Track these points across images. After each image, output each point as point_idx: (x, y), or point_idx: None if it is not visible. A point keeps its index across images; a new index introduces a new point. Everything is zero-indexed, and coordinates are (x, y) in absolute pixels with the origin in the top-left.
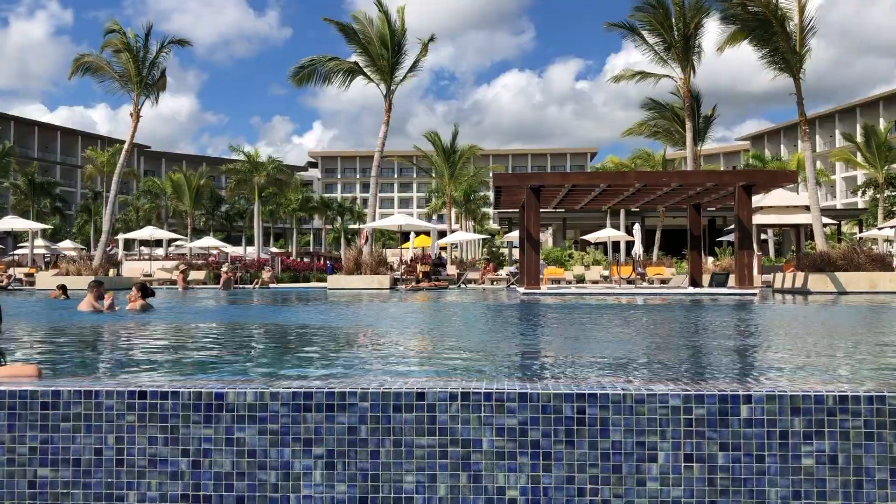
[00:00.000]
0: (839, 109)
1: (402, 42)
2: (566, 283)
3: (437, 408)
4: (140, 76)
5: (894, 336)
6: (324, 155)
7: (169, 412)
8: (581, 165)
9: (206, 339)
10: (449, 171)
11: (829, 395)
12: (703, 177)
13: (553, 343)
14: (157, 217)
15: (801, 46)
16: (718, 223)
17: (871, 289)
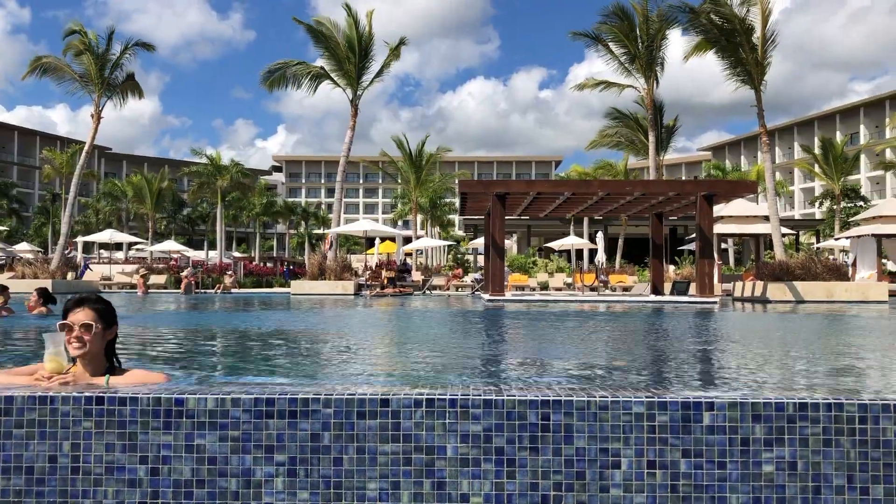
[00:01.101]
0: (798, 122)
1: (370, 47)
2: (530, 289)
3: (401, 414)
4: (102, 78)
5: (849, 344)
6: (288, 159)
7: (127, 418)
8: (546, 173)
9: (150, 345)
10: (415, 176)
11: (790, 402)
12: (665, 186)
13: (517, 350)
14: (118, 220)
15: (764, 58)
16: (680, 232)
17: (828, 298)
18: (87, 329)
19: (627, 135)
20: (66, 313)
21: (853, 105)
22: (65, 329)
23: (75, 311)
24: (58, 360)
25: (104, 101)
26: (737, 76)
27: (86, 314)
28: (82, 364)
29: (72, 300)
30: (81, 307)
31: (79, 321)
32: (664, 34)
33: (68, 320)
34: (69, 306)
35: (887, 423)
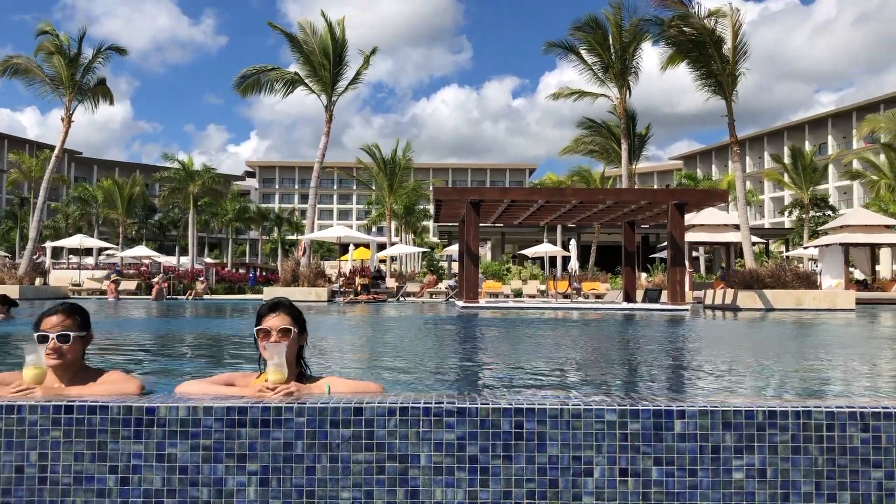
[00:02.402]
0: (768, 132)
1: (344, 53)
2: (504, 296)
3: (374, 423)
4: (73, 81)
5: (817, 351)
6: (262, 165)
7: (97, 427)
8: (520, 181)
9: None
10: (389, 183)
11: (759, 410)
12: (637, 195)
13: (491, 357)
14: (88, 225)
15: (735, 69)
16: (652, 240)
17: (797, 306)
18: (285, 333)
19: (601, 143)
20: (260, 319)
21: (821, 116)
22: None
23: (272, 315)
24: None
25: (75, 104)
26: (708, 87)
27: (282, 319)
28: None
29: (266, 305)
30: (277, 312)
31: (275, 326)
32: (637, 44)
33: (265, 325)
34: (263, 312)
35: (854, 430)
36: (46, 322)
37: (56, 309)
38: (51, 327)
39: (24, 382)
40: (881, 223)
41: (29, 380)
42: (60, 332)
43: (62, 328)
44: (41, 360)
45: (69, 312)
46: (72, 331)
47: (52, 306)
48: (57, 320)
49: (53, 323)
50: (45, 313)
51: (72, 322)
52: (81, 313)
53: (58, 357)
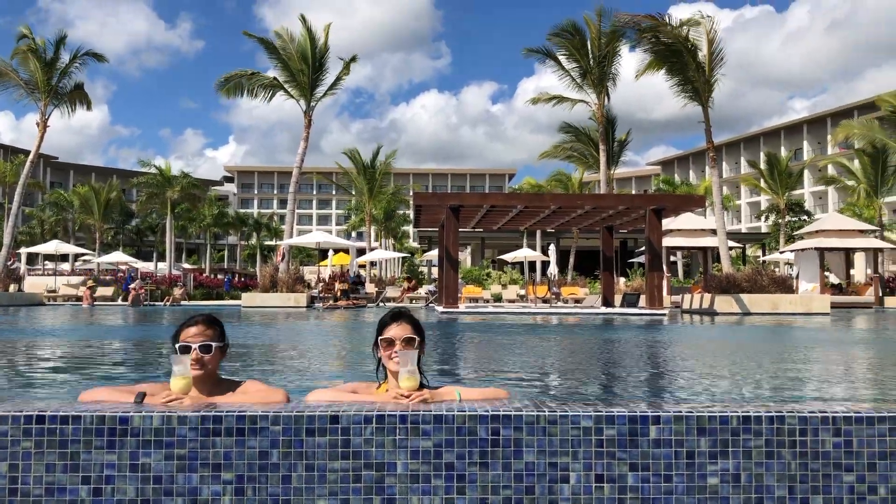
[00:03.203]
0: (744, 137)
1: (324, 59)
2: (484, 301)
3: (351, 431)
4: (49, 85)
5: (792, 356)
6: (240, 170)
7: (69, 437)
8: (499, 186)
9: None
10: (368, 188)
11: (734, 415)
12: (615, 200)
13: (470, 362)
14: (64, 231)
15: (710, 76)
16: (630, 245)
17: (773, 310)
18: (408, 342)
19: (580, 149)
20: (383, 329)
21: (797, 122)
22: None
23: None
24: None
25: (51, 108)
26: (685, 94)
27: (404, 329)
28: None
29: (388, 315)
30: (399, 322)
31: (399, 336)
32: (615, 50)
33: (388, 335)
34: (385, 322)
35: (826, 435)
36: (187, 333)
37: (196, 319)
38: (192, 337)
39: (173, 393)
40: (855, 228)
41: (177, 390)
42: (202, 343)
43: (204, 338)
44: (188, 371)
45: (209, 323)
46: (213, 341)
47: (191, 317)
48: (198, 331)
49: (195, 333)
50: (185, 324)
51: (212, 332)
52: (219, 324)
53: (200, 367)
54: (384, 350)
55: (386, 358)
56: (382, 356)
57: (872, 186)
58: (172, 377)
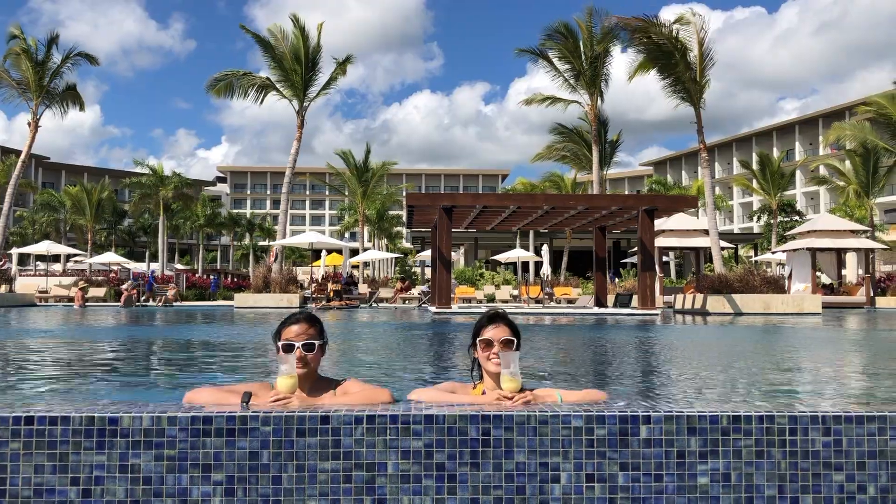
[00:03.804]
0: (737, 138)
1: (317, 59)
2: (477, 302)
3: (341, 431)
4: (41, 85)
5: (783, 356)
6: (233, 170)
7: (58, 438)
8: (492, 187)
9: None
10: (362, 189)
11: (724, 415)
12: (607, 201)
13: (462, 363)
14: (56, 231)
15: (701, 77)
16: (623, 245)
17: (765, 310)
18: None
19: (573, 149)
20: (480, 330)
21: (789, 122)
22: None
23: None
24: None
25: (42, 109)
26: (677, 94)
27: (502, 330)
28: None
29: (485, 317)
30: (497, 324)
31: (497, 337)
32: (607, 51)
33: (486, 336)
34: (482, 324)
35: (816, 434)
36: (289, 331)
37: (297, 318)
38: (295, 336)
39: (280, 392)
40: (847, 228)
41: (284, 389)
42: (306, 342)
43: (307, 337)
44: (294, 370)
45: (311, 321)
46: (316, 339)
47: (291, 316)
48: (300, 329)
49: (297, 332)
50: (286, 323)
51: (314, 331)
52: (319, 322)
53: (303, 366)
54: (482, 351)
55: (484, 359)
56: (480, 357)
57: (863, 187)
58: (279, 376)
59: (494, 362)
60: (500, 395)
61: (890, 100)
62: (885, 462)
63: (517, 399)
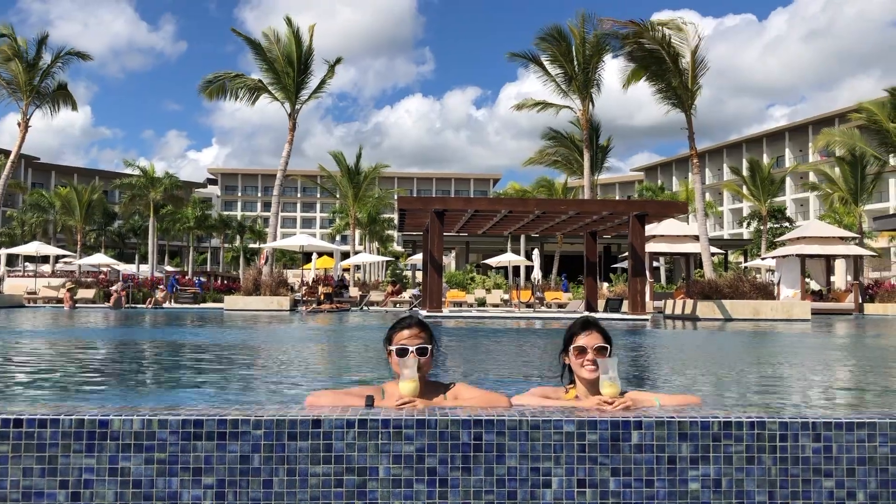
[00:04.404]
0: (727, 144)
1: (310, 61)
2: (468, 306)
3: (333, 435)
4: (31, 85)
5: (772, 361)
6: (224, 172)
7: (47, 441)
8: (484, 191)
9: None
10: (353, 192)
11: (714, 421)
12: (598, 206)
13: (453, 366)
14: (45, 232)
15: (693, 83)
16: (613, 250)
17: (755, 316)
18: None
19: (565, 154)
20: (573, 338)
21: (779, 129)
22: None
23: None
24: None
25: (32, 109)
26: (668, 101)
27: (596, 338)
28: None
29: (578, 324)
30: (590, 331)
31: (591, 344)
32: (600, 57)
33: (580, 343)
34: (575, 331)
35: (806, 440)
36: (400, 336)
37: (408, 322)
38: (407, 341)
39: (405, 396)
40: (836, 235)
41: (408, 393)
42: (419, 346)
43: (419, 341)
44: (415, 373)
45: (422, 326)
46: (428, 344)
47: (401, 321)
48: (412, 334)
49: (409, 336)
50: (397, 328)
51: (426, 335)
52: (429, 327)
53: (594, 369)
54: (576, 358)
55: (578, 366)
56: (573, 363)
57: (852, 194)
58: (402, 380)
59: (588, 369)
60: (600, 400)
61: (880, 107)
62: (874, 468)
63: (617, 404)
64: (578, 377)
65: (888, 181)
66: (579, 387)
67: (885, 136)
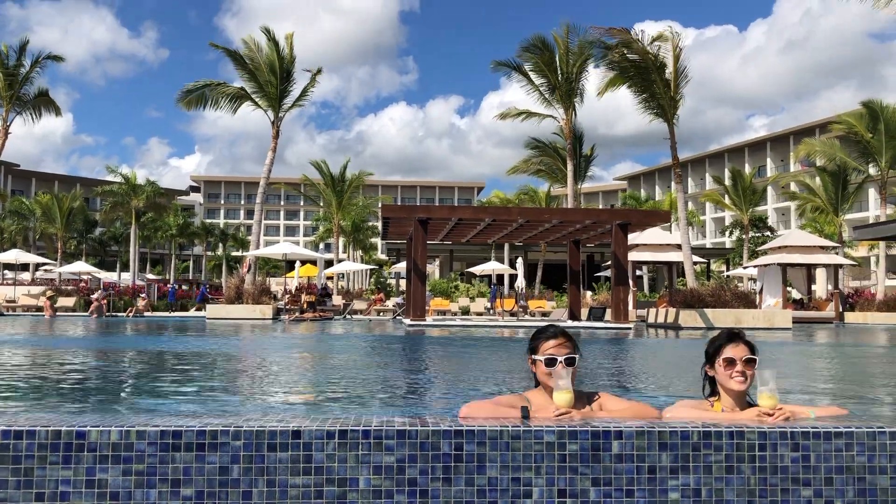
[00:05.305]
0: (709, 154)
1: (291, 70)
2: (452, 314)
3: (313, 446)
4: (11, 91)
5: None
6: (207, 179)
7: (23, 453)
8: (468, 199)
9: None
10: (337, 200)
11: (694, 430)
12: (581, 214)
13: (435, 377)
14: (25, 240)
15: (676, 93)
16: (597, 259)
17: (737, 324)
18: (749, 363)
19: (548, 163)
20: (721, 348)
21: (760, 139)
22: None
23: (732, 345)
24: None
25: (13, 115)
26: (650, 111)
27: (744, 349)
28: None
29: (724, 335)
30: (736, 342)
31: (740, 356)
32: (583, 67)
33: (730, 354)
34: (721, 342)
35: (784, 449)
36: (547, 345)
37: (554, 332)
38: (555, 350)
39: (561, 406)
40: (817, 244)
41: (564, 404)
42: (567, 356)
43: (567, 351)
44: (570, 384)
45: (567, 336)
46: (575, 353)
47: (545, 330)
48: (559, 343)
49: (557, 346)
50: (542, 338)
51: (572, 345)
52: (572, 336)
53: (744, 380)
54: (724, 369)
55: (726, 378)
56: (720, 375)
57: (832, 203)
58: (557, 391)
59: (738, 380)
60: (760, 411)
61: (858, 118)
62: (851, 477)
63: (777, 415)
64: (725, 389)
65: (868, 191)
66: (725, 399)
67: (864, 146)
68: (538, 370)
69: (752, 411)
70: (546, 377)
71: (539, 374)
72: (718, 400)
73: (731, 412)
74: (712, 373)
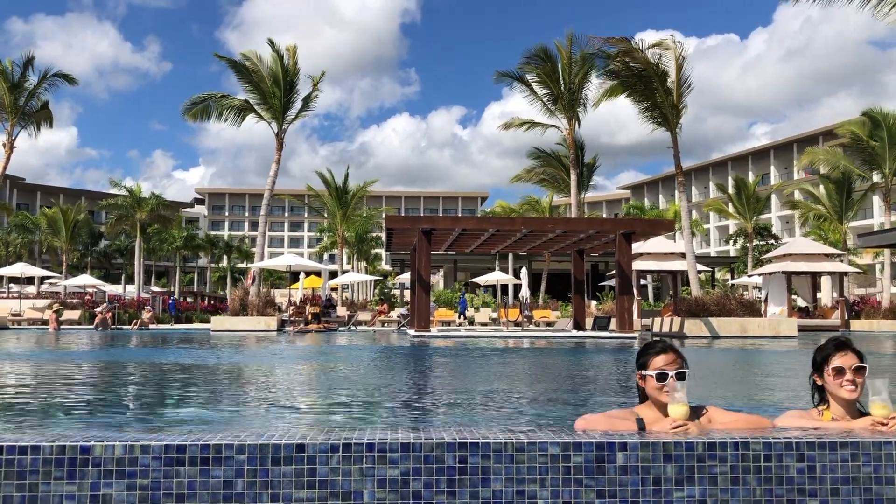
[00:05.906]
0: (713, 162)
1: (295, 81)
2: (456, 325)
3: (317, 460)
4: (16, 106)
5: (758, 379)
6: (211, 191)
7: (28, 468)
8: (472, 209)
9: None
10: (341, 211)
11: (699, 441)
12: (585, 224)
13: (439, 389)
14: (30, 253)
15: (679, 102)
16: (601, 268)
17: (742, 333)
18: (859, 372)
19: (551, 173)
20: (829, 358)
21: (764, 147)
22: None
23: (841, 354)
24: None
25: (18, 130)
26: (653, 119)
27: (852, 358)
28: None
29: (832, 345)
30: (845, 351)
31: (849, 365)
32: (585, 77)
33: (839, 363)
34: (830, 352)
35: (790, 460)
36: (657, 361)
37: (662, 347)
38: (665, 365)
39: (678, 419)
40: (821, 252)
41: (679, 416)
42: (678, 371)
43: (677, 366)
44: (686, 398)
45: (675, 351)
46: (685, 368)
47: (653, 345)
48: (669, 358)
49: (667, 361)
50: (651, 353)
51: (681, 360)
52: (680, 351)
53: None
54: (833, 378)
55: (836, 387)
56: (829, 384)
57: (836, 211)
58: (673, 404)
59: (848, 389)
60: (874, 420)
61: (861, 126)
62: (857, 488)
63: (892, 424)
64: (836, 398)
65: (872, 198)
66: (835, 408)
67: (868, 154)
68: (648, 385)
69: (864, 420)
70: (656, 392)
71: (648, 389)
72: (828, 408)
73: (841, 421)
74: (821, 382)
